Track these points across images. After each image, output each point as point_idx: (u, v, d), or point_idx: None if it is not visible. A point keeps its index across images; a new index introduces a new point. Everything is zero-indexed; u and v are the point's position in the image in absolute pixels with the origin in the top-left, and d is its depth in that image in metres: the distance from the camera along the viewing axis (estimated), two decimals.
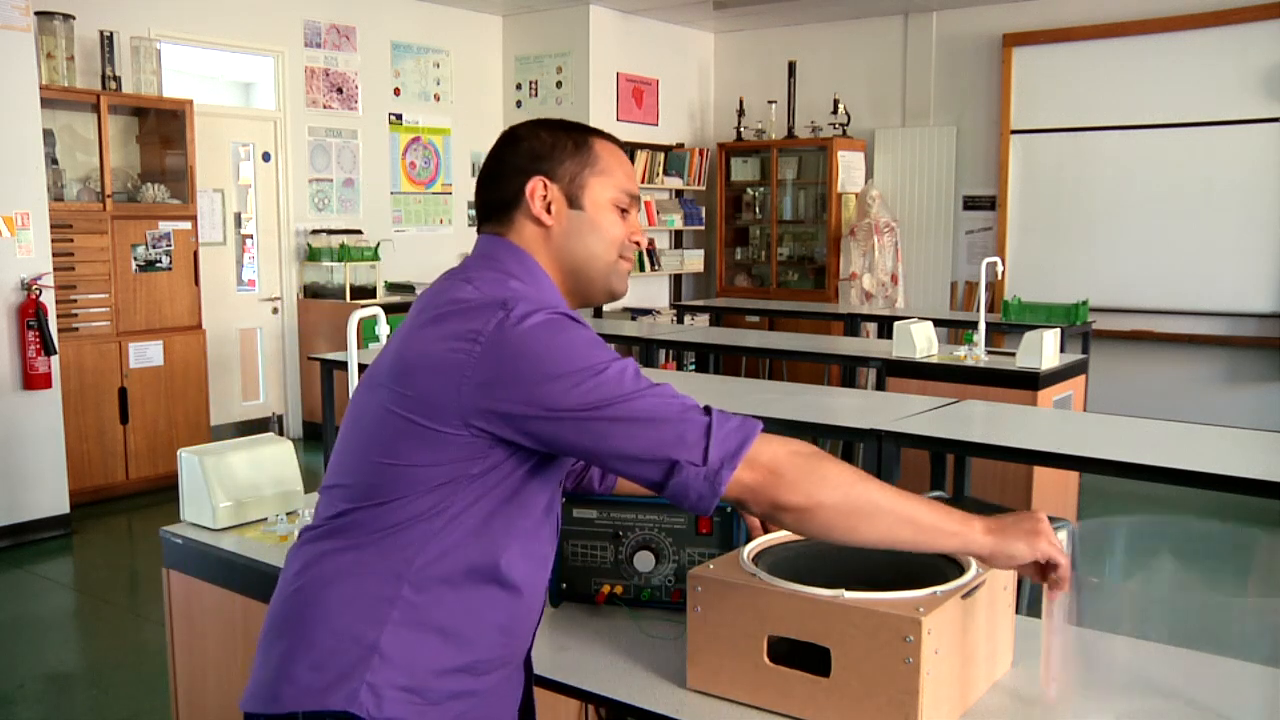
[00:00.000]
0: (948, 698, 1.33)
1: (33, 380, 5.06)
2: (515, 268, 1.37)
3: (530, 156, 1.40)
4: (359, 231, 7.24)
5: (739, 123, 8.45)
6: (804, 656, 1.35)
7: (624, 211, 1.45)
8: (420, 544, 1.28)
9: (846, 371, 6.19)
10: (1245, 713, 1.38)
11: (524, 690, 1.47)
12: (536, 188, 1.39)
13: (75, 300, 5.51)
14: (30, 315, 5.02)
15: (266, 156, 6.96)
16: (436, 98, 7.86)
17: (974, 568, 1.41)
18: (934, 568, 1.43)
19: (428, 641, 1.28)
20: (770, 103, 8.38)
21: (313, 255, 7.03)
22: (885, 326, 6.31)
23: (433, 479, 1.26)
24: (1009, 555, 1.31)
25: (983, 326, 4.58)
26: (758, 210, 8.56)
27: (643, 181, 8.12)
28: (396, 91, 7.60)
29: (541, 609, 1.45)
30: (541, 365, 1.23)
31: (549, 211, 1.40)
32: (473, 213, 8.10)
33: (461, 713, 1.33)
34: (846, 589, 1.32)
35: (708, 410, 1.26)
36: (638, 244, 1.48)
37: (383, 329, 2.12)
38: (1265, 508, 5.07)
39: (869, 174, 8.22)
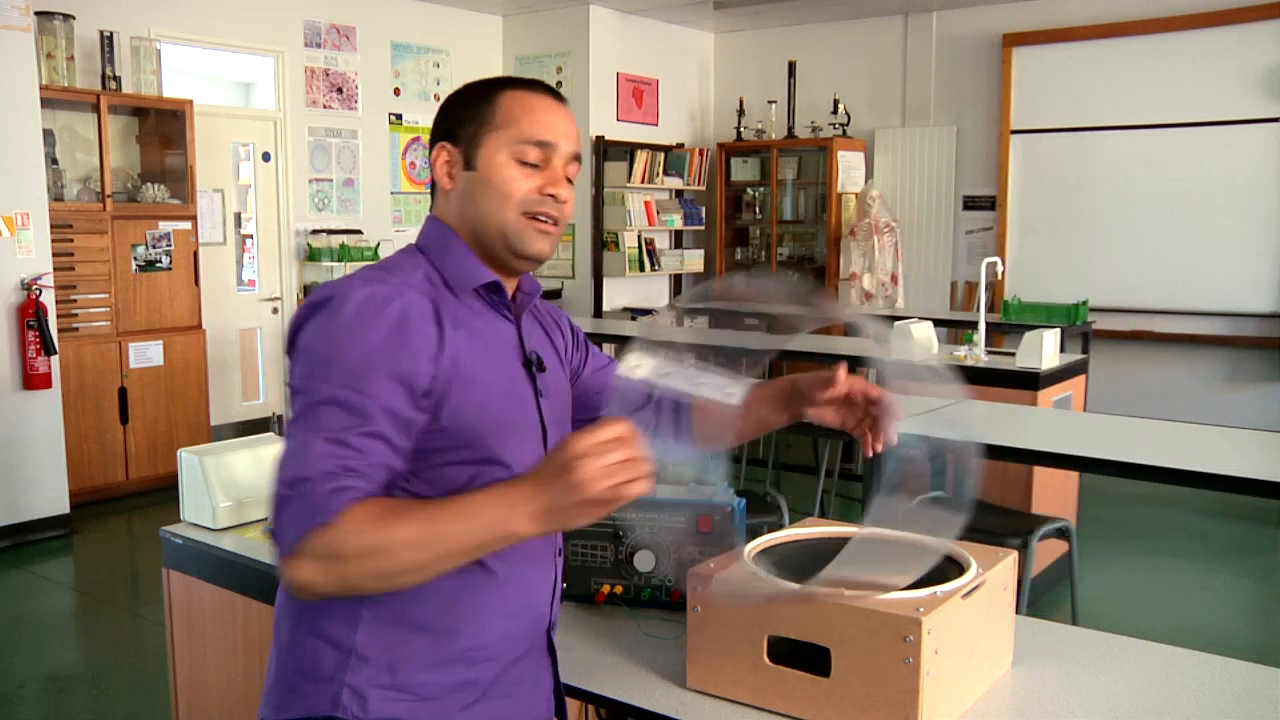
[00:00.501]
0: (948, 698, 1.33)
1: (33, 380, 5.06)
2: (428, 241, 1.35)
3: (439, 123, 1.36)
4: (359, 231, 7.24)
5: (739, 123, 8.45)
6: (804, 656, 1.35)
7: (532, 165, 1.31)
8: None
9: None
10: (1245, 713, 1.38)
11: (551, 676, 1.44)
12: (440, 155, 1.35)
13: (75, 300, 5.51)
14: (30, 315, 5.02)
15: (266, 156, 6.96)
16: (437, 98, 7.86)
17: (974, 567, 1.41)
18: (934, 568, 1.43)
19: (405, 636, 1.27)
20: (770, 103, 8.38)
21: (313, 255, 7.03)
22: None
23: None
24: (567, 526, 1.16)
25: (983, 326, 4.58)
26: (758, 210, 8.56)
27: (642, 181, 8.12)
28: (396, 91, 7.60)
29: (545, 587, 1.38)
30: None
31: (450, 175, 1.34)
32: None
33: (467, 704, 1.30)
34: (847, 589, 1.32)
35: (307, 482, 1.14)
36: (553, 197, 1.32)
37: None
38: (1265, 508, 5.08)
39: (869, 174, 8.22)
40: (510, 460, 1.28)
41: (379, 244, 7.09)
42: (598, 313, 7.99)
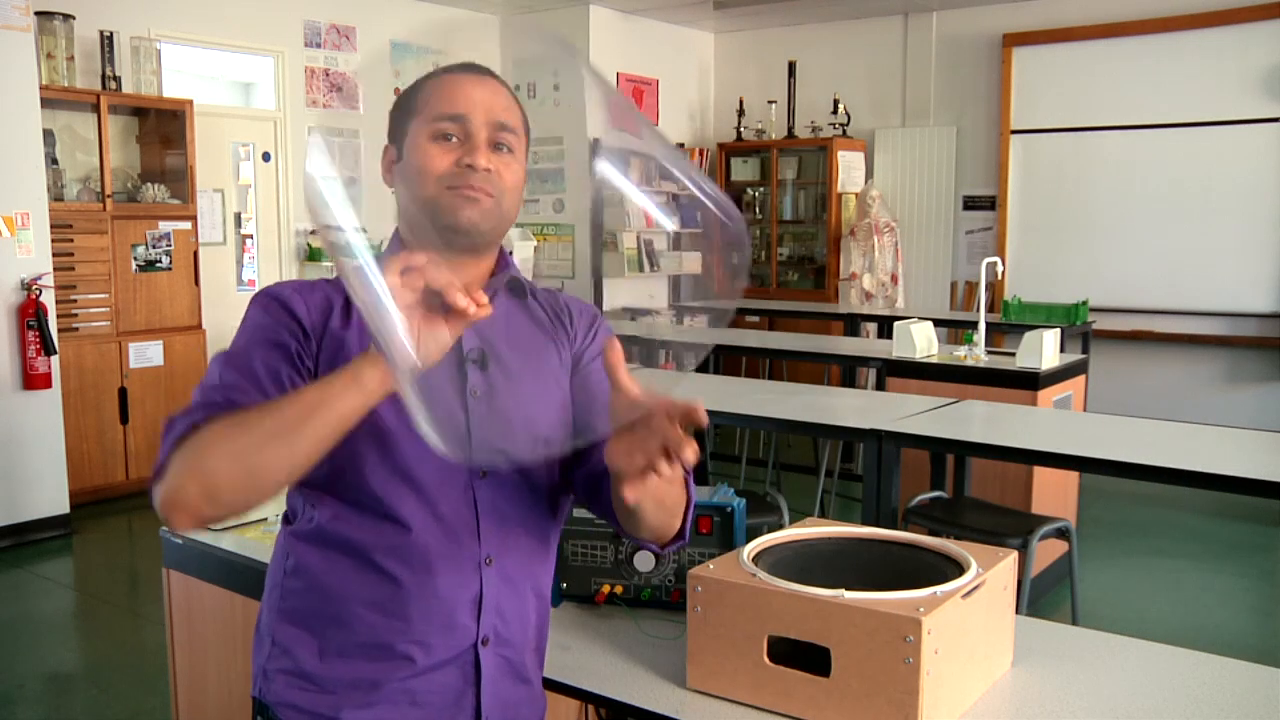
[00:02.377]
0: (948, 698, 1.33)
1: (33, 380, 5.06)
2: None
3: (389, 123, 1.37)
4: (362, 230, 7.23)
5: (739, 123, 8.45)
6: (804, 656, 1.35)
7: (448, 139, 1.27)
8: (292, 524, 1.35)
9: (846, 371, 6.19)
10: (1245, 713, 1.38)
11: (474, 695, 1.32)
12: (385, 154, 1.36)
13: (75, 300, 5.51)
14: (30, 315, 5.02)
15: (266, 156, 6.96)
16: None
17: (974, 567, 1.41)
18: (934, 568, 1.43)
19: (300, 625, 1.31)
20: (770, 103, 8.38)
21: (313, 255, 7.03)
22: (885, 326, 6.31)
23: None
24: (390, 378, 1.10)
25: (983, 326, 4.58)
26: (758, 210, 8.56)
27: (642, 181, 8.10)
28: (396, 91, 7.57)
29: (462, 596, 1.28)
30: None
31: (390, 174, 1.36)
32: None
33: (366, 702, 1.27)
34: (846, 589, 1.32)
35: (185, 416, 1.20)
36: (470, 166, 1.26)
37: None
38: (1265, 508, 5.08)
39: (869, 174, 8.22)
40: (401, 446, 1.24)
41: (381, 242, 7.07)
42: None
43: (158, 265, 5.87)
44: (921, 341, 4.65)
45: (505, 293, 1.37)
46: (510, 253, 1.43)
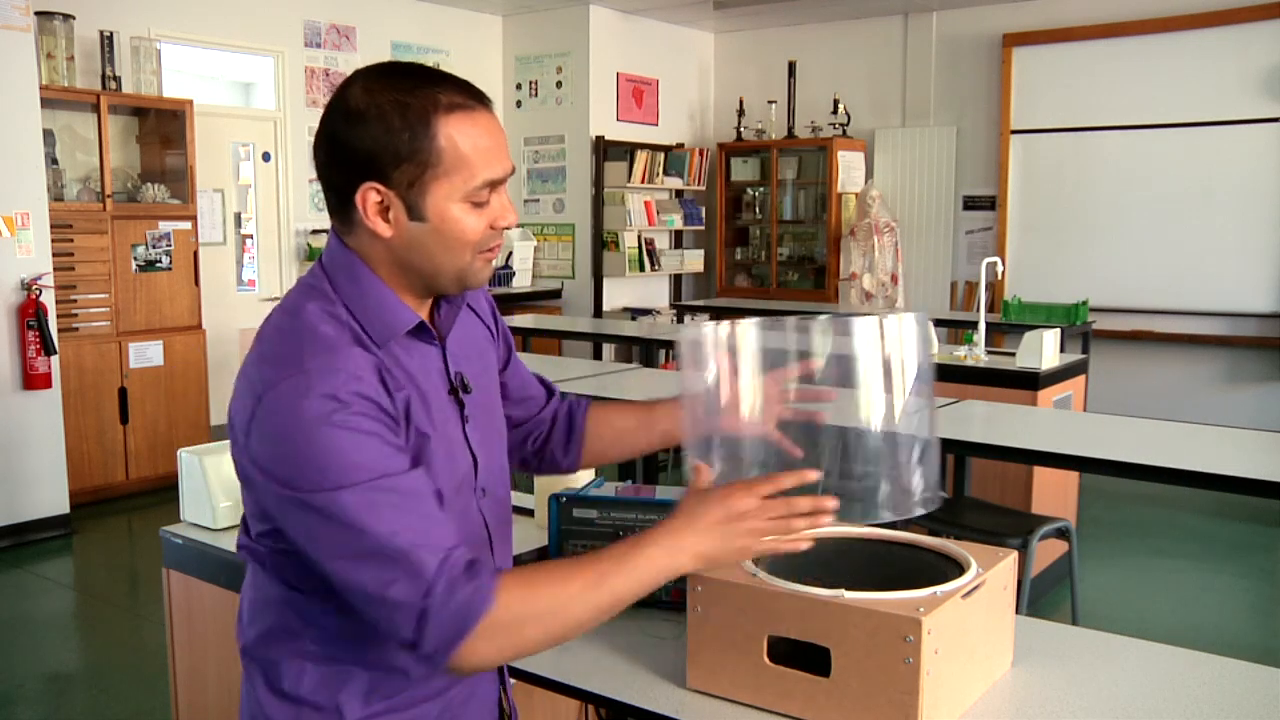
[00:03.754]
0: (948, 698, 1.33)
1: (33, 380, 5.06)
2: (341, 282, 1.23)
3: (362, 151, 1.16)
4: None
5: (739, 123, 8.45)
6: (804, 656, 1.35)
7: (484, 203, 1.21)
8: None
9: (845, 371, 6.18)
10: (1245, 713, 1.38)
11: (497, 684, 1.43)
12: (366, 195, 1.18)
13: (75, 300, 5.51)
14: (30, 315, 5.02)
15: (266, 156, 6.96)
16: None
17: (974, 567, 1.41)
18: (934, 568, 1.43)
19: (346, 672, 1.29)
20: (770, 103, 8.38)
21: (313, 255, 7.03)
22: None
23: None
24: (723, 564, 1.25)
25: (983, 326, 4.58)
26: (758, 210, 8.56)
27: (642, 181, 8.12)
28: None
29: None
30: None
31: (386, 218, 1.19)
32: None
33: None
34: (846, 589, 1.32)
35: (431, 583, 1.11)
36: (506, 228, 1.24)
37: None
38: (1265, 508, 5.08)
39: (869, 174, 8.22)
40: (442, 490, 1.25)
41: None
42: (598, 313, 7.99)
43: (158, 265, 5.87)
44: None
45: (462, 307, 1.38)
46: (510, 254, 1.44)
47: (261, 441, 1.14)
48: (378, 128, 1.15)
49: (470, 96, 1.20)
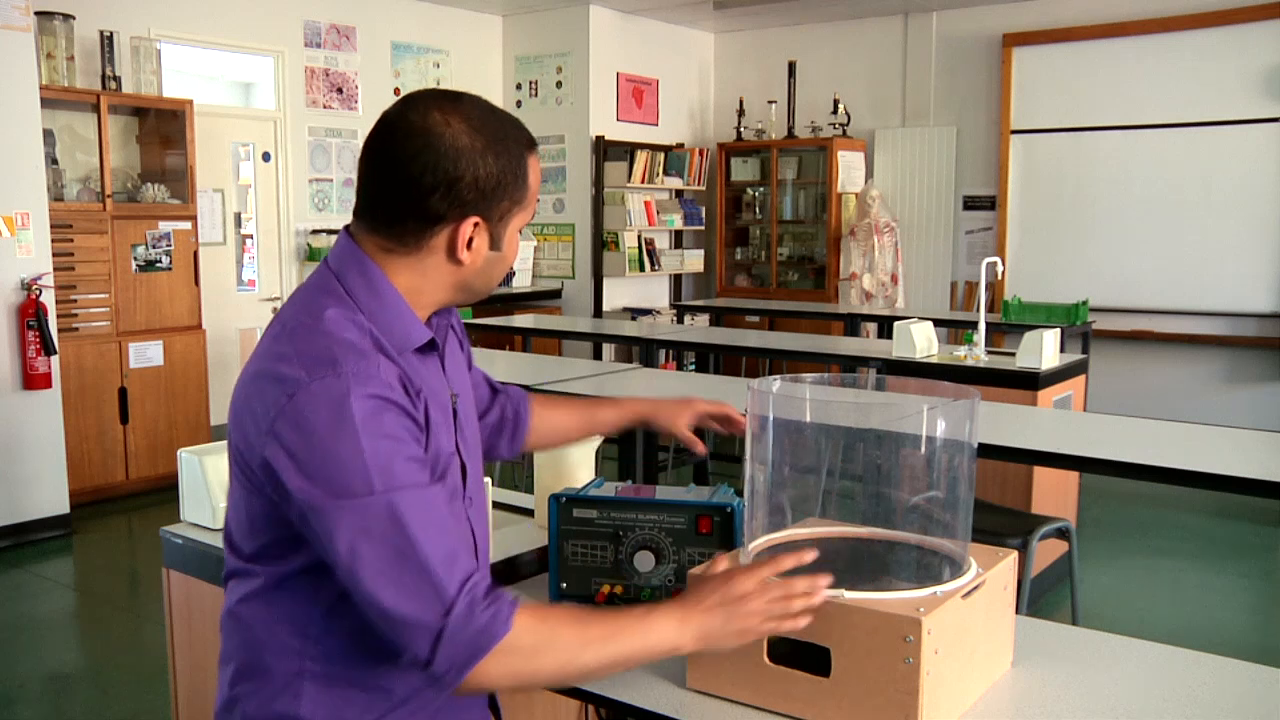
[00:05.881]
0: (948, 698, 1.33)
1: (33, 380, 5.06)
2: (360, 294, 1.23)
3: (477, 186, 1.20)
4: None
5: (739, 123, 8.45)
6: (804, 656, 1.35)
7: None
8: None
9: (846, 371, 6.18)
10: (1245, 713, 1.38)
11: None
12: (466, 228, 1.22)
13: (75, 300, 5.51)
14: (30, 315, 5.02)
15: (266, 156, 6.96)
16: None
17: (974, 567, 1.41)
18: (934, 568, 1.43)
19: (346, 693, 1.30)
20: (770, 103, 8.38)
21: (313, 255, 7.03)
22: (885, 326, 6.31)
23: None
24: (725, 645, 1.28)
25: (982, 326, 4.58)
26: (758, 210, 8.56)
27: (642, 181, 8.12)
28: (396, 91, 7.60)
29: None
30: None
31: (469, 248, 1.24)
32: None
33: None
34: (846, 589, 1.32)
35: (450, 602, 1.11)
36: None
37: None
38: (1265, 508, 5.08)
39: (869, 174, 8.22)
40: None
41: None
42: (598, 313, 7.99)
43: (158, 265, 5.87)
44: (921, 341, 4.66)
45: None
46: None
47: (295, 441, 1.12)
48: (492, 164, 1.20)
49: (530, 134, 1.29)
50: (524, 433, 1.69)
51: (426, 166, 1.19)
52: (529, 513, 2.20)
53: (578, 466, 2.07)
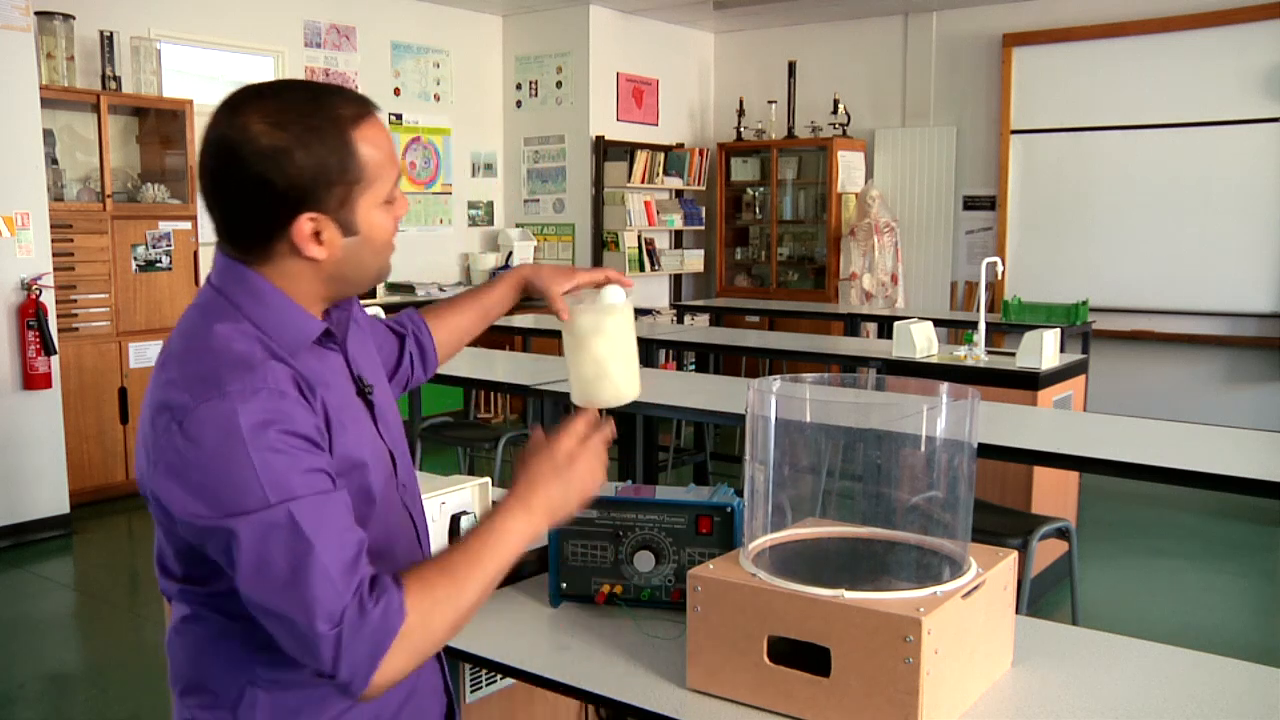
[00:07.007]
0: (948, 698, 1.33)
1: (33, 380, 5.06)
2: (242, 299, 1.22)
3: (292, 186, 1.15)
4: None
5: (739, 123, 8.45)
6: (804, 656, 1.35)
7: (391, 201, 1.25)
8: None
9: (846, 371, 6.18)
10: (1245, 713, 1.38)
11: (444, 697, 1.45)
12: (304, 227, 1.18)
13: (75, 300, 5.51)
14: (30, 315, 5.02)
15: None
16: (436, 98, 7.86)
17: (974, 567, 1.41)
18: (934, 568, 1.43)
19: (295, 695, 1.29)
20: (770, 103, 8.38)
21: None
22: (885, 326, 6.31)
23: None
24: (573, 509, 1.29)
25: (983, 326, 4.58)
26: (758, 210, 8.56)
27: (642, 181, 8.12)
28: (396, 91, 7.60)
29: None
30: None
31: (319, 242, 1.20)
32: (474, 212, 8.13)
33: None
34: (846, 589, 1.32)
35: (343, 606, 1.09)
36: (399, 220, 1.29)
37: None
38: (1265, 508, 5.08)
39: (869, 174, 8.22)
40: (373, 489, 1.27)
41: None
42: None
43: (158, 265, 5.87)
44: (921, 341, 4.65)
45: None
46: (510, 253, 1.46)
47: (183, 467, 1.11)
48: (302, 158, 1.15)
49: (360, 103, 1.22)
50: (431, 354, 1.69)
51: (234, 181, 1.17)
52: None
53: None
